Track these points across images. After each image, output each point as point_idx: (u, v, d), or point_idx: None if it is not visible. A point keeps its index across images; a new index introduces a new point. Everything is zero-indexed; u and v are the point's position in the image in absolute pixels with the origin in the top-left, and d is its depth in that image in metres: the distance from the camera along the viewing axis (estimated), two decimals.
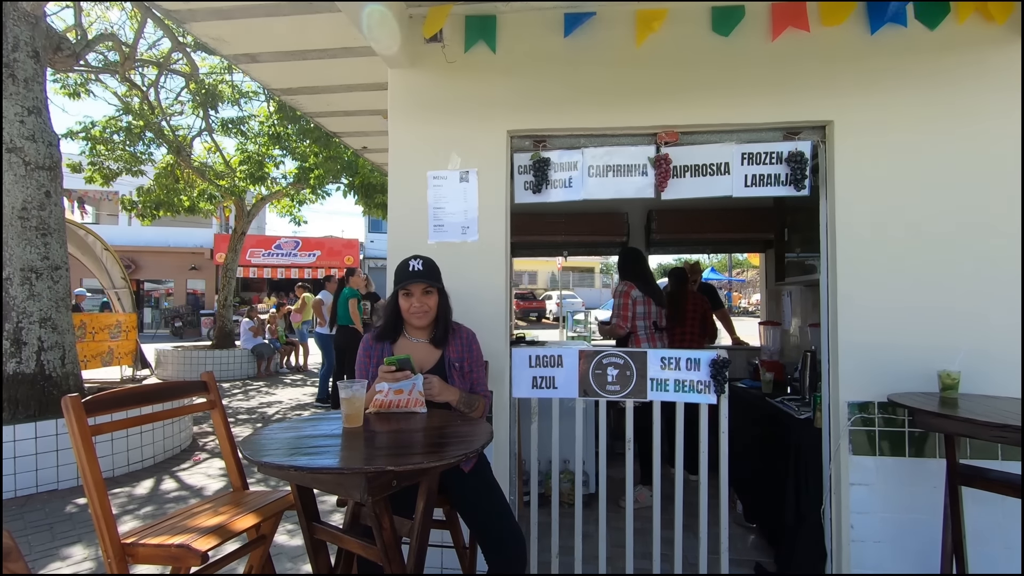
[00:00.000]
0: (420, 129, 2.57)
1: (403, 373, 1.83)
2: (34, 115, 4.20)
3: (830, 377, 2.40)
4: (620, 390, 2.46)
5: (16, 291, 4.10)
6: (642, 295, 3.61)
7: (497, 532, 1.86)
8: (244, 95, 9.00)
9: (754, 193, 2.46)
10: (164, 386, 2.19)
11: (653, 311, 3.63)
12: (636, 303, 3.60)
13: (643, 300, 3.60)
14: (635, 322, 3.60)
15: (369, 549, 1.57)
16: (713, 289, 5.02)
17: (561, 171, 2.56)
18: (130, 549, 1.67)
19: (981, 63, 2.30)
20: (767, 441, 2.95)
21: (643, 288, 3.63)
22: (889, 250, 2.31)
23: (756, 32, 2.40)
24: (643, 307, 3.59)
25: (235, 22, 2.65)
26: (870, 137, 2.34)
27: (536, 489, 2.56)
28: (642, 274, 3.73)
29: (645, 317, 3.59)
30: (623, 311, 3.60)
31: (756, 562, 2.74)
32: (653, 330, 3.61)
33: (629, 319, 3.59)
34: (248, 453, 1.45)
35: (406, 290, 1.98)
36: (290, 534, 3.12)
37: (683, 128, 2.48)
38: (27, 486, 3.77)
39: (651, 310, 3.61)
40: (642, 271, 3.76)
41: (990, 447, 2.23)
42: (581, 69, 2.50)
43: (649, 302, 3.60)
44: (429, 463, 1.39)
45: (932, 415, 1.90)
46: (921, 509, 2.24)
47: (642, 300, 3.60)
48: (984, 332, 2.25)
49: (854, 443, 2.30)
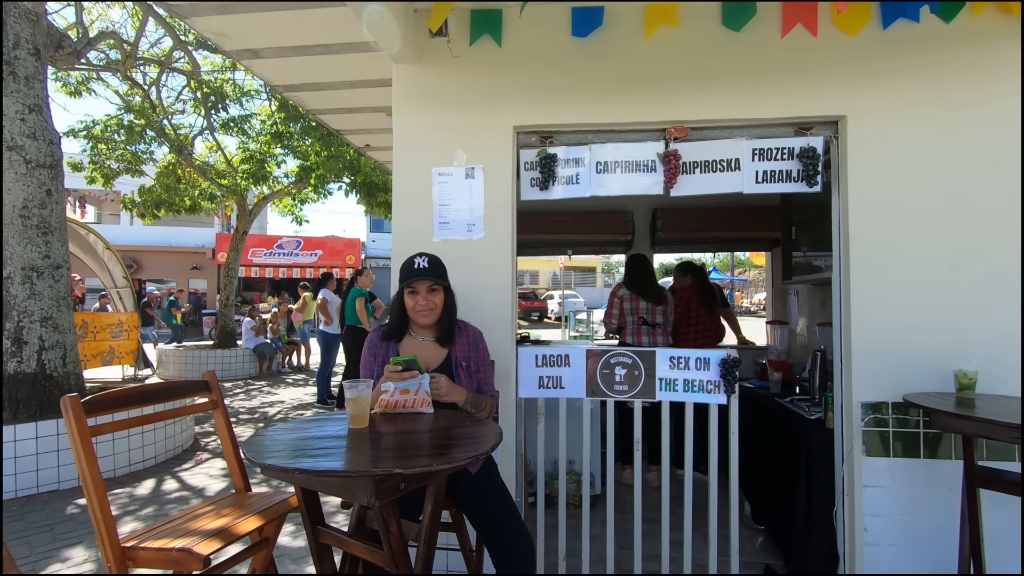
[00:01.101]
0: (425, 125, 2.53)
1: (410, 372, 1.79)
2: (35, 113, 4.16)
3: (842, 377, 2.36)
4: (628, 390, 2.42)
5: (17, 290, 4.06)
6: (629, 293, 3.96)
7: (504, 534, 1.83)
8: (246, 94, 8.97)
9: (765, 190, 2.42)
10: (165, 386, 2.15)
11: (642, 307, 3.92)
12: (624, 300, 3.98)
13: (631, 297, 3.95)
14: (625, 318, 3.98)
15: (376, 554, 1.53)
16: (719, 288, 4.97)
17: (568, 167, 2.52)
18: (130, 553, 1.64)
19: (998, 56, 2.25)
20: (776, 442, 2.91)
21: (631, 287, 3.96)
22: (904, 247, 2.27)
23: (767, 25, 2.36)
24: (630, 303, 3.94)
25: (237, 17, 2.61)
26: (884, 132, 2.29)
27: (542, 490, 2.52)
28: (636, 276, 4.02)
29: (633, 313, 3.93)
30: (609, 308, 4.09)
31: (765, 564, 2.70)
32: (640, 324, 3.91)
33: (615, 316, 4.03)
34: (251, 455, 1.41)
35: (411, 288, 1.94)
36: (293, 535, 3.08)
37: (693, 123, 2.44)
38: (28, 486, 3.74)
39: (639, 306, 3.92)
40: (637, 274, 4.04)
41: (1006, 448, 2.19)
42: (588, 63, 2.46)
43: (637, 299, 3.93)
44: (438, 465, 1.35)
45: (950, 416, 1.85)
46: (937, 512, 2.20)
47: (629, 297, 3.95)
48: (1002, 331, 2.21)
49: (867, 444, 2.26)
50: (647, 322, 3.90)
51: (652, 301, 3.92)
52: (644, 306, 3.91)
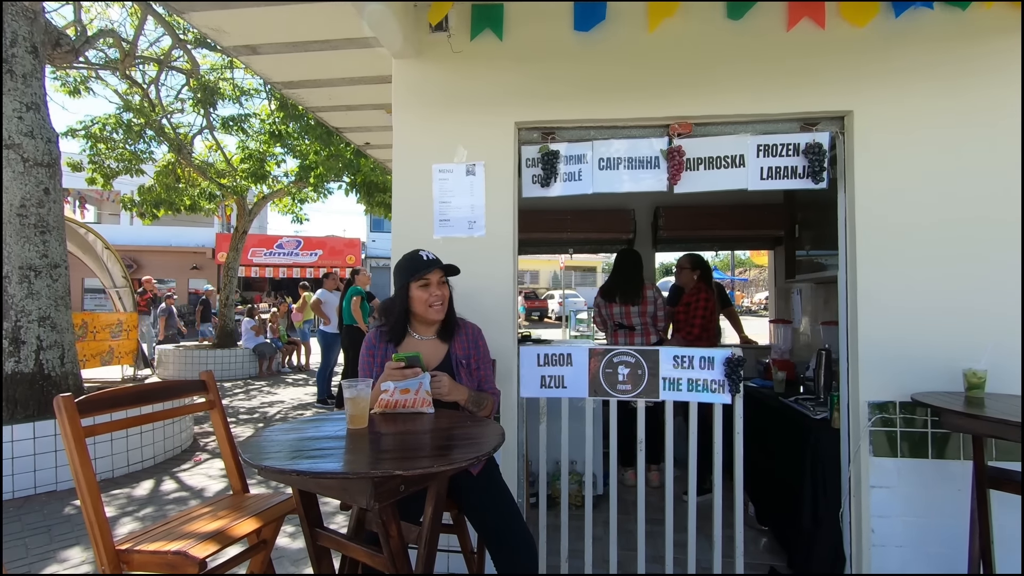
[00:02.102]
0: (425, 121, 2.50)
1: (412, 371, 1.76)
2: (32, 111, 4.13)
3: (849, 376, 2.33)
4: (631, 389, 2.39)
5: (15, 289, 4.03)
6: (604, 300, 3.91)
7: (507, 535, 1.79)
8: (245, 92, 8.93)
9: (770, 186, 2.38)
10: (162, 386, 2.12)
11: (616, 312, 3.83)
12: (600, 307, 3.98)
13: (604, 304, 3.90)
14: (605, 323, 3.99)
15: (376, 557, 1.50)
16: (721, 287, 4.93)
17: (570, 164, 2.48)
18: (125, 555, 1.61)
19: (1008, 52, 2.21)
20: (780, 442, 2.88)
21: (604, 293, 3.91)
22: (911, 245, 2.23)
23: (771, 20, 2.32)
24: (606, 310, 3.91)
25: (235, 12, 2.57)
26: (891, 128, 2.26)
27: (544, 491, 2.49)
28: (613, 276, 3.96)
29: (610, 318, 3.89)
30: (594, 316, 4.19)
31: (770, 566, 2.67)
32: (617, 328, 3.86)
33: (598, 323, 4.12)
34: (248, 456, 1.38)
35: (424, 280, 1.88)
36: (292, 536, 3.05)
37: (696, 119, 2.41)
38: (25, 487, 3.71)
39: (613, 312, 3.85)
40: (614, 273, 3.97)
41: (1014, 448, 2.15)
42: (591, 59, 2.42)
43: (611, 306, 3.86)
44: (439, 467, 1.32)
45: (960, 415, 1.82)
46: (945, 512, 2.17)
47: (604, 304, 3.91)
48: (1011, 330, 2.17)
49: (874, 444, 2.23)
50: (624, 325, 3.81)
51: (628, 302, 3.76)
52: (619, 311, 3.79)
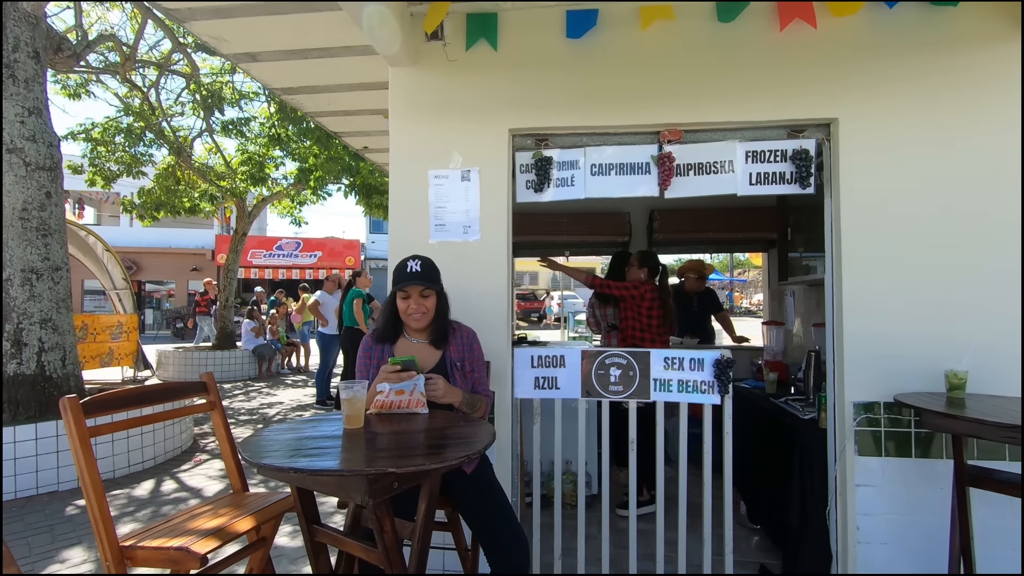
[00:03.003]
0: (421, 128, 2.55)
1: (407, 373, 1.82)
2: (34, 116, 4.18)
3: (835, 377, 2.38)
4: (623, 390, 2.44)
5: (17, 292, 4.08)
6: (598, 302, 4.04)
7: (500, 534, 1.84)
8: (245, 96, 8.99)
9: (759, 191, 2.44)
10: (163, 387, 2.17)
11: (611, 314, 3.97)
12: (594, 308, 4.10)
13: (599, 306, 4.04)
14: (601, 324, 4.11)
15: (370, 552, 1.55)
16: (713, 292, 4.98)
17: (563, 170, 2.54)
18: (128, 552, 1.66)
19: (989, 63, 2.27)
20: (771, 442, 2.93)
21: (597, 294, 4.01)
22: (895, 249, 2.29)
23: (760, 28, 2.38)
24: (599, 311, 4.03)
25: (235, 21, 2.63)
26: (875, 134, 2.31)
27: (538, 490, 2.54)
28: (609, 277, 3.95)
29: (604, 319, 4.02)
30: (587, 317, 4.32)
31: (761, 564, 2.71)
32: (610, 328, 3.98)
33: (592, 324, 4.22)
34: (247, 455, 1.43)
35: (404, 292, 1.96)
36: (290, 535, 3.10)
37: (686, 126, 2.46)
38: (27, 487, 3.76)
39: (607, 312, 4.01)
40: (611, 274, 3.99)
41: (997, 448, 2.20)
42: (583, 68, 2.48)
43: (605, 308, 4.02)
44: (431, 465, 1.37)
45: (940, 415, 1.87)
46: (928, 510, 2.22)
47: (598, 306, 4.05)
48: (992, 332, 2.23)
49: (860, 444, 2.28)
50: (615, 326, 3.85)
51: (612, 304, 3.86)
52: (612, 312, 3.88)
